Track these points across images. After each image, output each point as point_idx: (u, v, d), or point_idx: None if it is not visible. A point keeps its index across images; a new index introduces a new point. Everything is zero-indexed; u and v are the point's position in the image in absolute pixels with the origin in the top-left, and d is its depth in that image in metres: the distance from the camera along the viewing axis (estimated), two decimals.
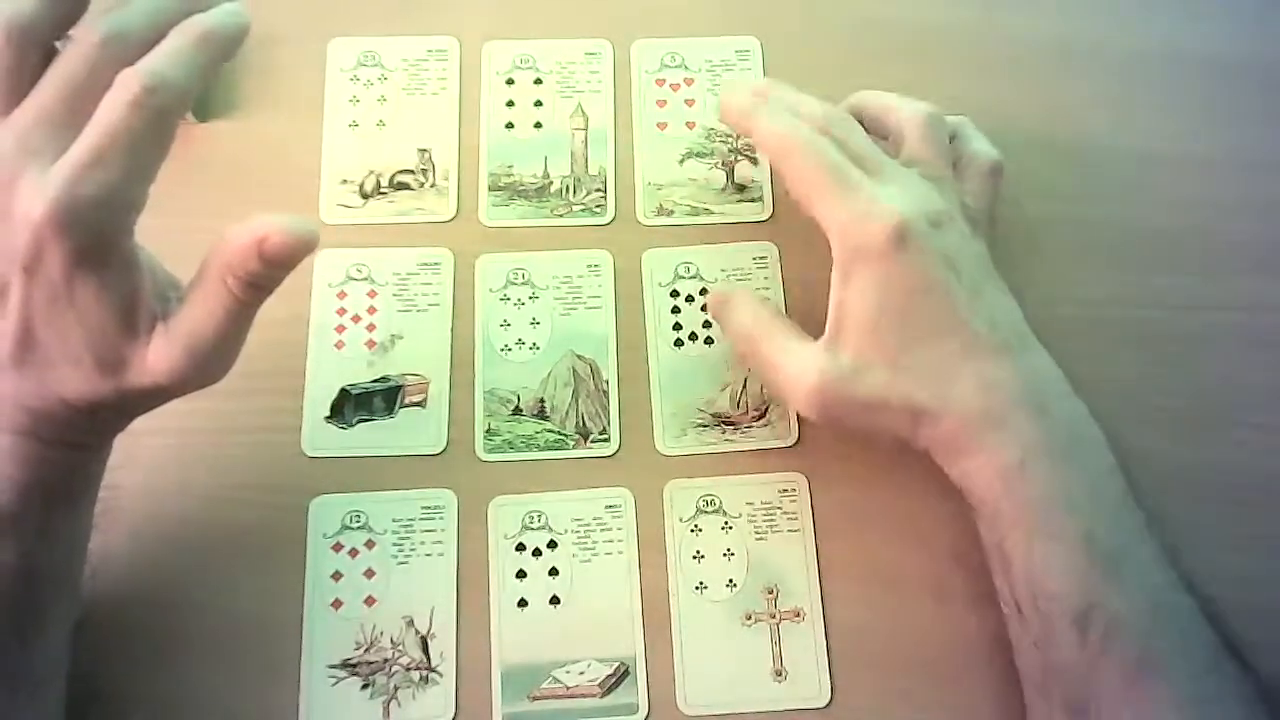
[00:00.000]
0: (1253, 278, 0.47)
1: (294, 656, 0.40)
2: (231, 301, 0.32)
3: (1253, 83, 0.51)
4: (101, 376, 0.32)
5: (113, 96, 0.30)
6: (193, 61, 0.31)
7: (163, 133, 0.31)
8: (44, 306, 0.31)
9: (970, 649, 0.40)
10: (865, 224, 0.36)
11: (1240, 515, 0.43)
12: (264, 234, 0.31)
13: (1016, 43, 0.51)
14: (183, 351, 0.32)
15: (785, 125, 0.38)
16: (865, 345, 0.37)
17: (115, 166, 0.30)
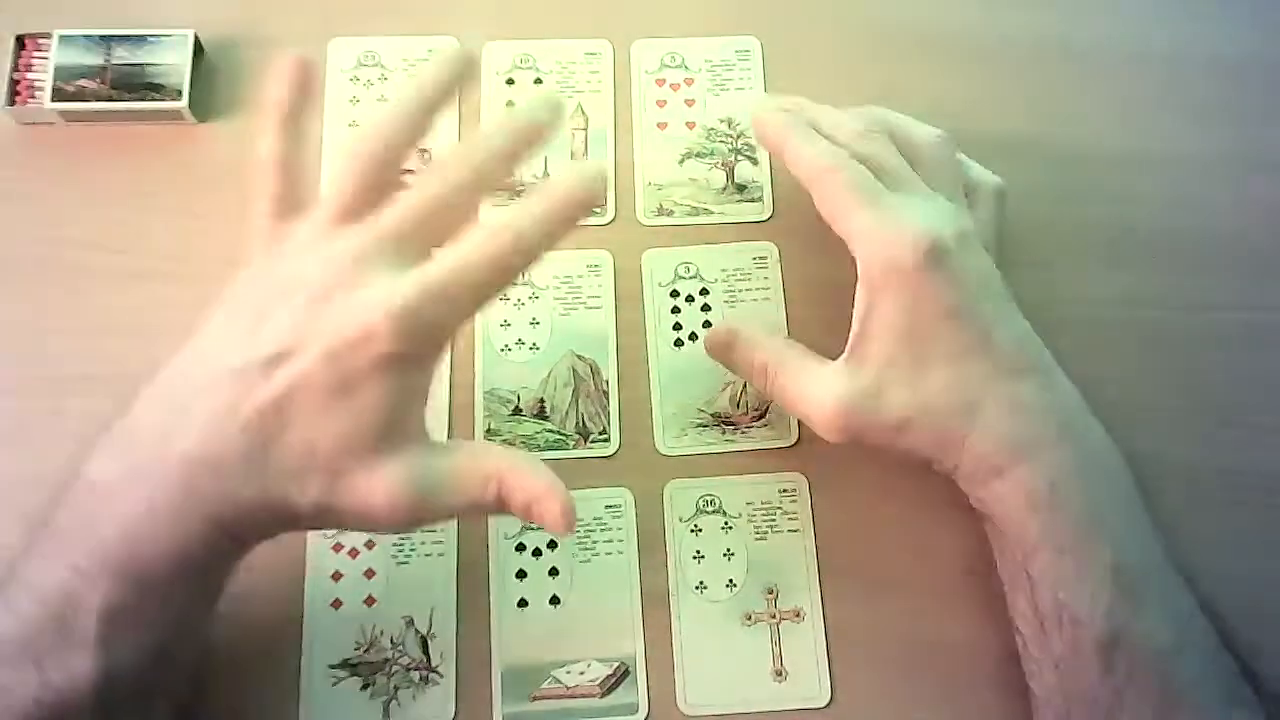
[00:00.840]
0: (1253, 278, 0.47)
1: (294, 656, 0.40)
2: (485, 506, 0.34)
3: (1253, 83, 0.51)
4: (319, 479, 0.32)
5: (480, 242, 0.33)
6: (556, 226, 0.34)
7: (505, 286, 0.34)
8: (318, 388, 0.31)
9: (971, 648, 0.40)
10: (895, 242, 0.36)
11: (1240, 515, 0.43)
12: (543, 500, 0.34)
13: (1016, 43, 0.51)
14: (417, 494, 0.32)
15: (816, 149, 0.38)
16: (890, 365, 0.36)
17: (461, 299, 0.33)
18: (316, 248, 0.34)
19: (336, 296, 0.32)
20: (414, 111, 0.36)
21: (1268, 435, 0.44)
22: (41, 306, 0.44)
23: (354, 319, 0.31)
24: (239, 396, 0.31)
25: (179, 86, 0.46)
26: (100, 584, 0.31)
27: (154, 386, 0.33)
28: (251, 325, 0.33)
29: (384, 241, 0.33)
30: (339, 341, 0.31)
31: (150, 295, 0.44)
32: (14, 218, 0.45)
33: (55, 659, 0.30)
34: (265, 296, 0.33)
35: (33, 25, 0.47)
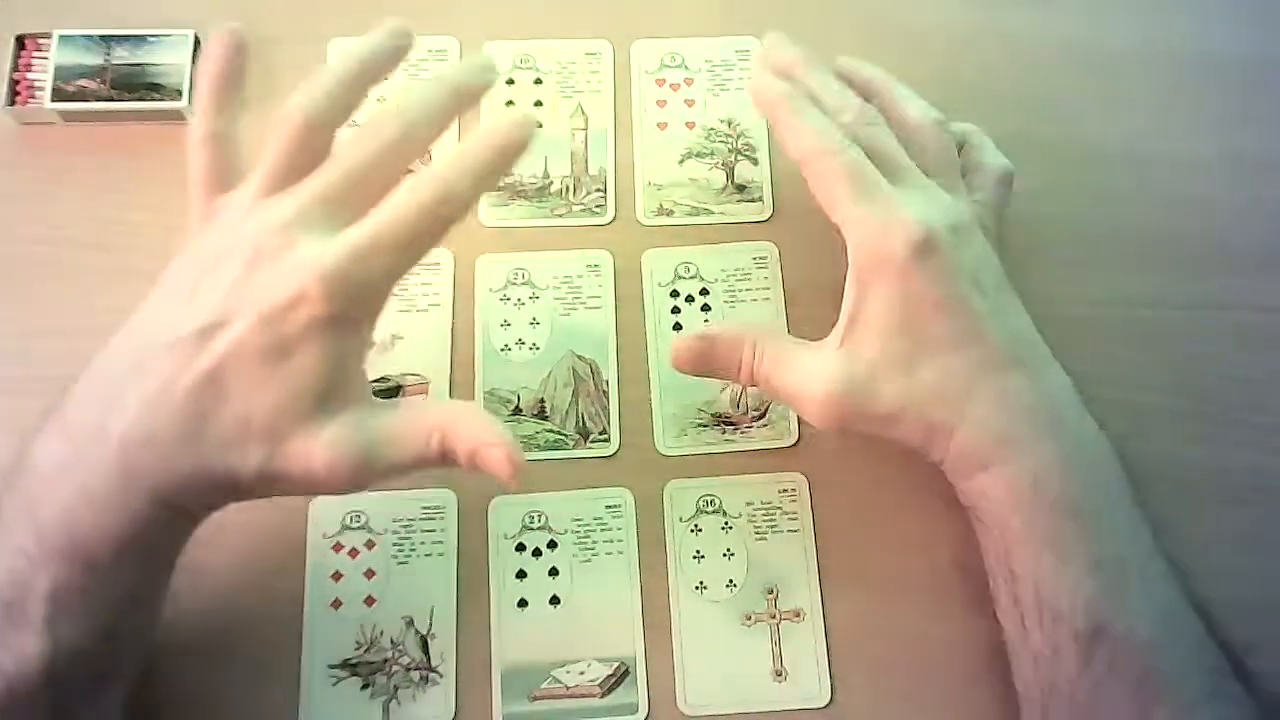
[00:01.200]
0: (1253, 278, 0.47)
1: (294, 656, 0.40)
2: (430, 459, 0.34)
3: (1253, 83, 0.51)
4: (258, 447, 0.32)
5: (406, 196, 0.33)
6: (481, 177, 0.34)
7: (437, 237, 0.33)
8: (253, 355, 0.31)
9: (970, 648, 0.40)
10: (888, 233, 0.35)
11: (1240, 515, 0.43)
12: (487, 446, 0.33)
13: (1016, 43, 0.51)
14: (359, 453, 0.32)
15: (813, 126, 0.37)
16: (882, 355, 0.36)
17: (391, 257, 0.32)
18: (246, 219, 0.34)
19: (266, 263, 0.32)
20: (343, 80, 0.35)
21: (1268, 435, 0.44)
22: (41, 306, 0.44)
23: (285, 283, 0.31)
24: (174, 370, 0.32)
25: (179, 86, 0.46)
26: (46, 567, 0.31)
27: (92, 368, 0.34)
28: (184, 299, 0.33)
29: (312, 206, 0.33)
30: (271, 306, 0.31)
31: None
32: (14, 218, 0.45)
33: (4, 643, 0.31)
34: (197, 269, 0.33)
35: (33, 25, 0.47)
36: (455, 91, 0.35)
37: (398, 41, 0.37)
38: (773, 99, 0.39)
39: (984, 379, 0.36)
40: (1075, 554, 0.35)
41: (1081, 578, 0.34)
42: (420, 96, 0.35)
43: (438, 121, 0.35)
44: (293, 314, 0.31)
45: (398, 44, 0.37)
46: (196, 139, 0.36)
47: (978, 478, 0.36)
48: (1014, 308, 0.38)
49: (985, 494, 0.36)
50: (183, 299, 0.33)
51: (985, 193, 0.41)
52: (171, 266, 0.35)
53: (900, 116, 0.40)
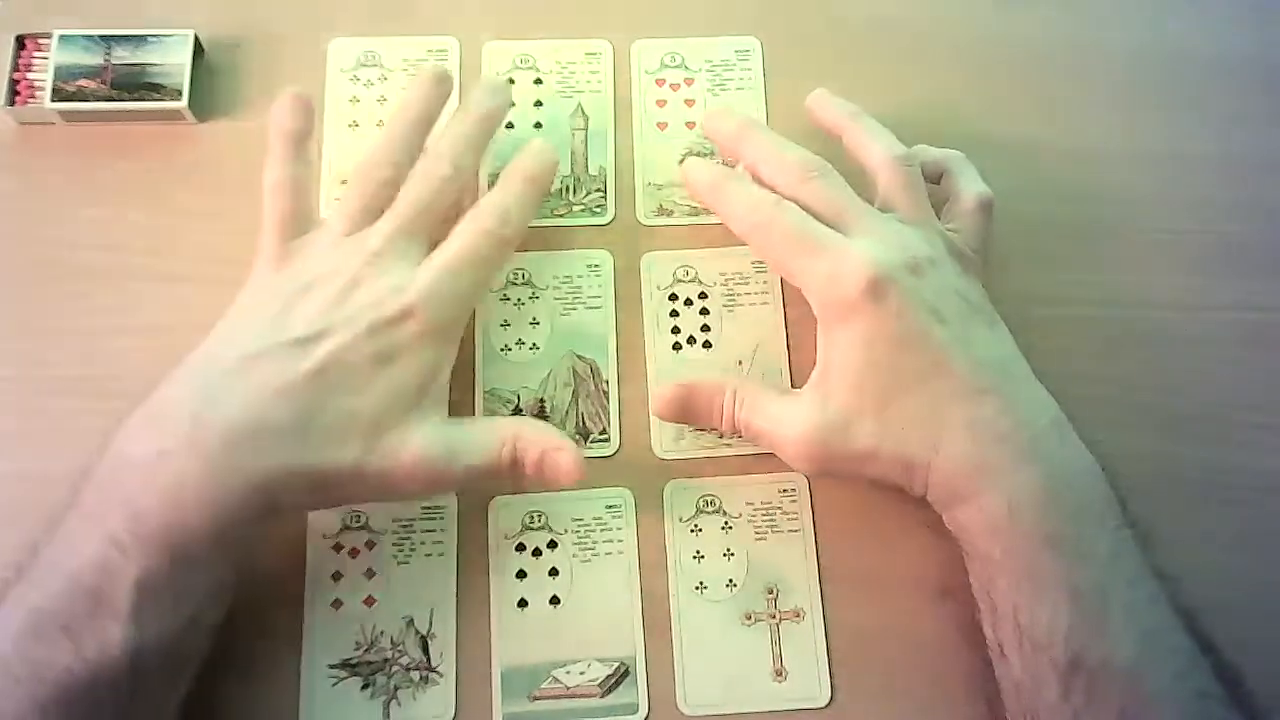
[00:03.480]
0: (1253, 278, 0.47)
1: (294, 656, 0.40)
2: (499, 467, 0.38)
3: (1253, 83, 0.51)
4: (358, 440, 0.35)
5: (472, 224, 0.39)
6: (529, 201, 0.41)
7: (505, 255, 0.41)
8: (359, 358, 0.36)
9: (971, 648, 0.40)
10: (839, 279, 0.36)
11: (1239, 515, 0.43)
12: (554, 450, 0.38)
13: (1016, 42, 0.51)
14: (443, 453, 0.37)
15: (745, 202, 0.40)
16: (852, 398, 0.37)
17: (471, 274, 0.39)
18: (332, 252, 0.38)
19: (364, 285, 0.37)
20: (408, 133, 0.41)
21: (1267, 435, 0.44)
22: (41, 306, 0.44)
23: (390, 301, 0.37)
24: (280, 368, 0.35)
25: (179, 86, 0.46)
26: (137, 556, 0.32)
27: (180, 372, 0.36)
28: (279, 315, 0.36)
29: (396, 237, 0.38)
30: (379, 319, 0.36)
31: (150, 295, 0.44)
32: (14, 218, 0.45)
33: (89, 630, 0.31)
34: (289, 291, 0.37)
35: (33, 25, 0.47)
36: (481, 120, 0.42)
37: (440, 88, 0.43)
38: (703, 187, 0.42)
39: (953, 410, 0.36)
40: (1053, 583, 0.35)
41: (1060, 607, 0.34)
42: (457, 133, 0.41)
43: (477, 149, 0.42)
44: (399, 327, 0.37)
45: (440, 90, 0.43)
46: (272, 184, 0.40)
47: (957, 510, 0.37)
48: (985, 335, 0.38)
49: (965, 525, 0.37)
50: (276, 315, 0.36)
51: (963, 220, 0.41)
52: (245, 299, 0.38)
53: (865, 154, 0.41)
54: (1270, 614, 0.41)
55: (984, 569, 0.36)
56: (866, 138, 0.41)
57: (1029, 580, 0.35)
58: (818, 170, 0.40)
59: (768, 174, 0.40)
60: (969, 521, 0.36)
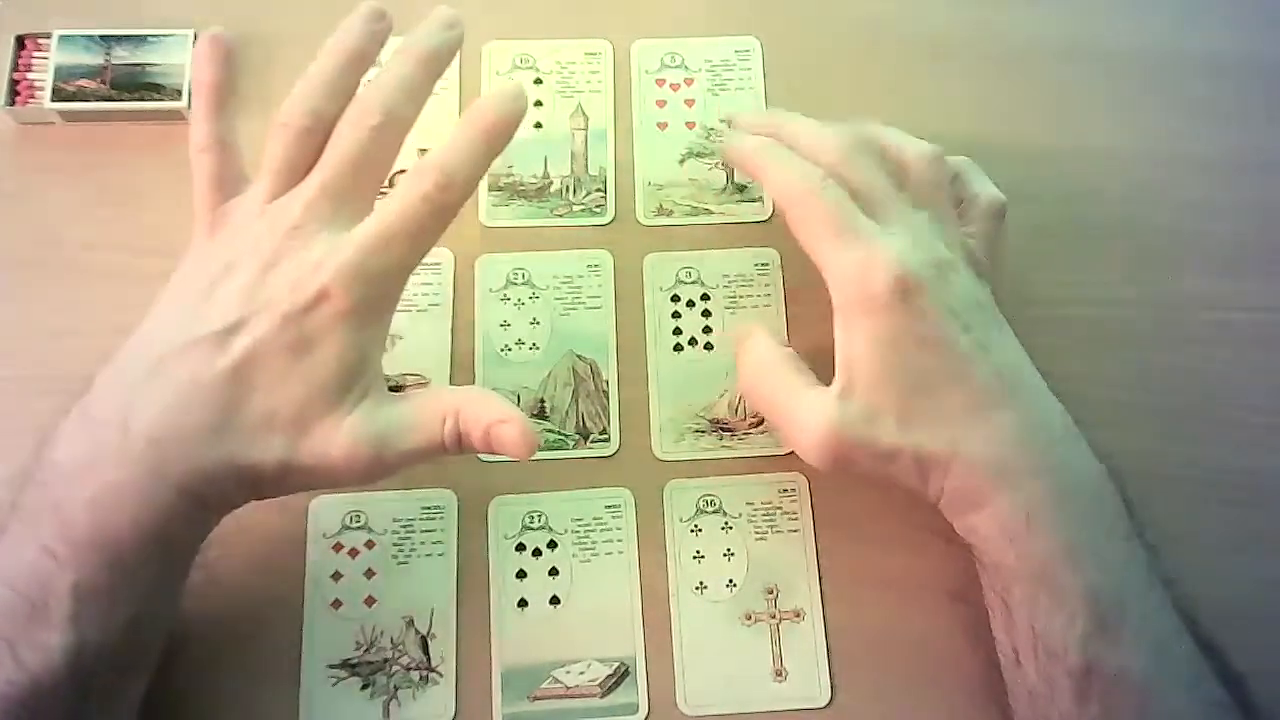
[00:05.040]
0: (1253, 278, 0.47)
1: (294, 656, 0.40)
2: (445, 444, 0.35)
3: (1253, 83, 0.51)
4: (282, 437, 0.33)
5: (409, 188, 0.34)
6: (479, 159, 0.35)
7: (445, 222, 0.35)
8: (277, 350, 0.33)
9: (970, 648, 0.40)
10: (867, 275, 0.35)
11: (1239, 515, 0.43)
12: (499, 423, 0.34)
13: (1017, 43, 0.51)
14: (376, 440, 0.34)
15: (790, 170, 0.37)
16: (874, 395, 0.36)
17: (403, 247, 0.34)
18: (255, 222, 0.35)
19: (282, 264, 0.34)
20: (334, 76, 0.36)
21: (1267, 435, 0.44)
22: (41, 306, 0.44)
23: (306, 282, 0.33)
24: (198, 367, 0.33)
25: (179, 86, 0.46)
26: (71, 563, 0.31)
27: (109, 370, 0.34)
28: (199, 302, 0.34)
29: (318, 203, 0.34)
30: (294, 305, 0.33)
31: (150, 295, 0.44)
32: (14, 218, 0.45)
33: (28, 640, 0.31)
34: (210, 274, 0.34)
35: (33, 25, 0.47)
36: (424, 60, 0.36)
37: (377, 25, 0.37)
38: (747, 152, 0.39)
39: (974, 417, 0.36)
40: (1070, 591, 0.34)
41: (1076, 615, 0.34)
42: (393, 75, 0.36)
43: (416, 95, 0.36)
44: (315, 311, 0.33)
45: (377, 28, 0.37)
46: (198, 146, 0.37)
47: (972, 516, 0.36)
48: (1001, 342, 0.38)
49: (980, 532, 0.36)
50: (198, 302, 0.34)
51: (977, 225, 0.41)
52: (180, 271, 0.36)
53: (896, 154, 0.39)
54: (1271, 614, 0.41)
55: (998, 576, 0.36)
56: (895, 136, 0.40)
57: (1045, 587, 0.35)
58: (859, 150, 0.38)
59: (808, 151, 0.39)
60: (984, 528, 0.36)
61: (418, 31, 0.37)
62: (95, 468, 0.32)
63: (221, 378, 0.33)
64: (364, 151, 0.35)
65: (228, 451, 0.33)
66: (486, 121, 0.35)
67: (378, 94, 0.35)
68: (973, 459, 0.35)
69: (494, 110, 0.35)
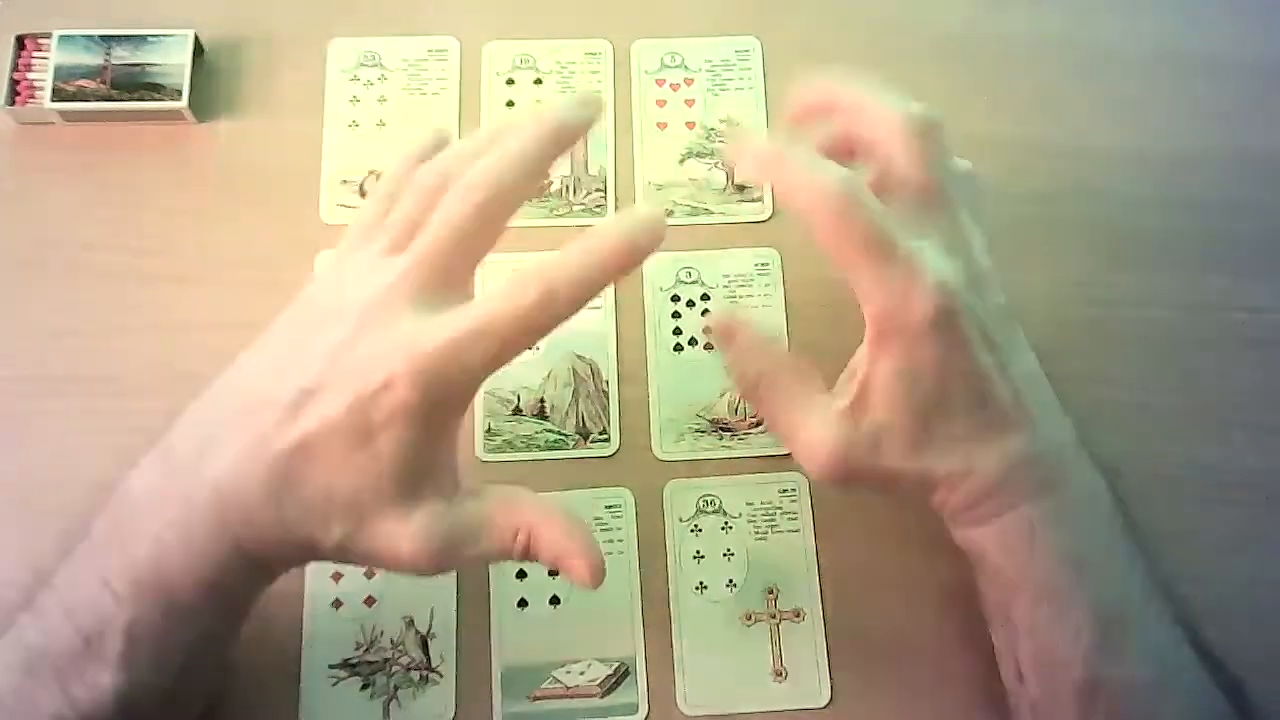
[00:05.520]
0: (1253, 278, 0.47)
1: (294, 656, 0.40)
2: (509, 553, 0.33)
3: (1253, 83, 0.51)
4: (340, 522, 0.32)
5: (510, 295, 0.31)
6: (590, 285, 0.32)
7: (535, 339, 0.32)
8: (340, 434, 0.31)
9: (971, 649, 0.40)
10: (908, 301, 0.33)
11: (1239, 515, 0.43)
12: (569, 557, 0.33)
13: (1017, 42, 0.51)
14: (445, 545, 0.32)
15: (817, 183, 0.33)
16: (889, 418, 0.34)
17: (486, 353, 0.31)
18: (359, 279, 0.33)
19: (365, 338, 0.32)
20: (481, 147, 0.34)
21: (1267, 435, 0.44)
22: (41, 306, 0.44)
23: (377, 366, 0.31)
24: (267, 432, 0.31)
25: (179, 86, 0.46)
26: (128, 603, 0.31)
27: (196, 406, 0.34)
28: (285, 357, 0.33)
29: (413, 277, 0.32)
30: (361, 389, 0.31)
31: (150, 295, 0.44)
32: (14, 218, 0.45)
33: (80, 675, 0.31)
34: (303, 328, 0.34)
35: (33, 25, 0.47)
36: (546, 139, 0.34)
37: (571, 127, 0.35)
38: (763, 159, 0.35)
39: (989, 437, 0.35)
40: (1074, 604, 0.34)
41: (1080, 628, 0.34)
42: (513, 148, 0.33)
43: (529, 175, 0.34)
44: (381, 399, 0.31)
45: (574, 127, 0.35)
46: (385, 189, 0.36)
47: (976, 531, 0.36)
48: (1018, 352, 0.37)
49: (982, 544, 0.36)
50: (284, 357, 0.33)
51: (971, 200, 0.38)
52: (288, 311, 0.35)
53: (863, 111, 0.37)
54: (1271, 614, 0.41)
55: (1000, 587, 0.36)
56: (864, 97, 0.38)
57: (1048, 600, 0.34)
58: (929, 129, 0.36)
59: (870, 124, 0.36)
60: (987, 541, 0.35)
61: (550, 106, 0.35)
62: (163, 504, 0.32)
63: (286, 448, 0.31)
64: (464, 224, 0.32)
65: (283, 520, 0.31)
66: (607, 247, 0.32)
67: (490, 166, 0.33)
68: (983, 479, 0.35)
69: (618, 236, 0.32)
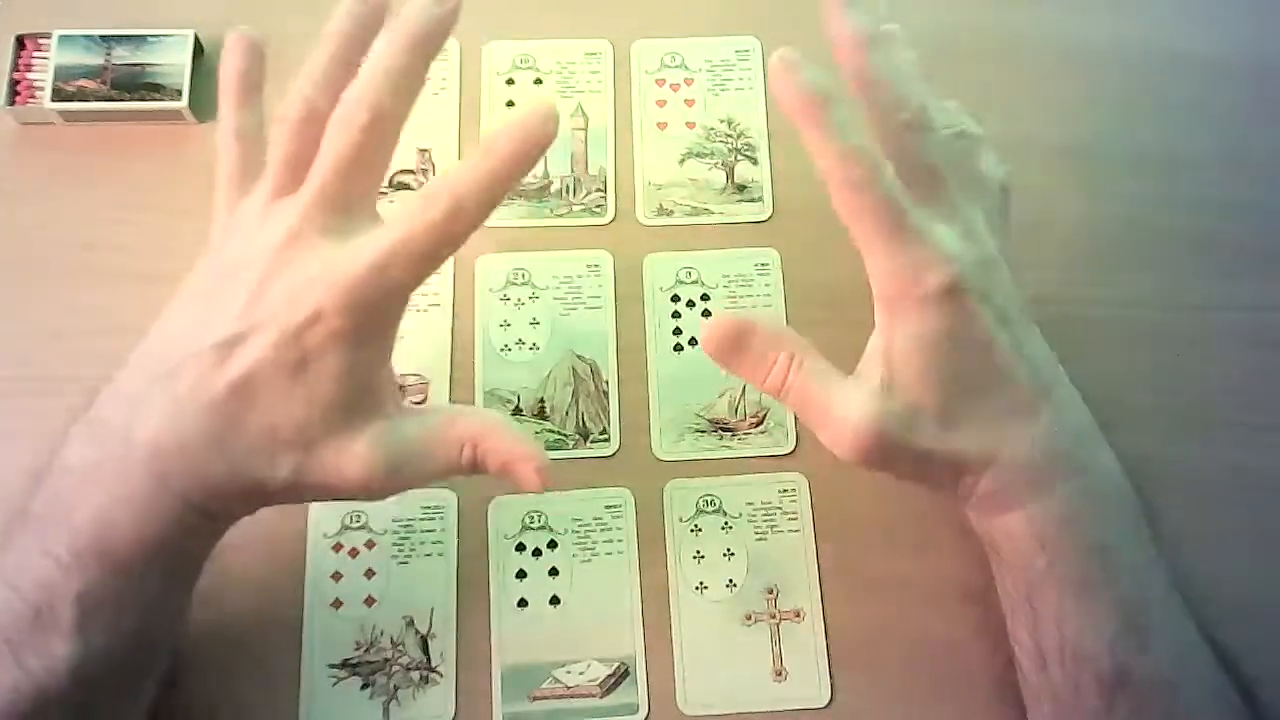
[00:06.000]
0: (1253, 278, 0.47)
1: (294, 656, 0.40)
2: (459, 470, 0.34)
3: (1252, 83, 0.51)
4: (287, 456, 0.32)
5: (417, 212, 0.32)
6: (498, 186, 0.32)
7: (450, 251, 0.33)
8: (275, 369, 0.31)
9: (970, 649, 0.40)
10: (918, 274, 0.33)
11: (1240, 515, 0.43)
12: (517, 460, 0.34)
13: (1017, 43, 0.51)
14: (390, 463, 0.33)
15: (845, 150, 0.32)
16: (916, 393, 0.34)
17: (402, 272, 0.32)
18: (259, 228, 0.34)
19: (282, 275, 0.32)
20: (327, 65, 0.34)
21: (1268, 435, 0.44)
22: (41, 306, 0.44)
23: (301, 299, 0.31)
24: (198, 381, 0.32)
25: (179, 86, 0.46)
26: (76, 572, 0.31)
27: (118, 376, 0.34)
28: (203, 311, 0.33)
29: (314, 210, 0.33)
30: (290, 323, 0.31)
31: (150, 295, 0.44)
32: (14, 218, 0.45)
33: (33, 648, 0.31)
34: (215, 281, 0.34)
35: (33, 25, 0.47)
36: (413, 46, 0.34)
37: (365, 6, 0.35)
38: (800, 102, 0.33)
39: (1013, 420, 0.35)
40: (1100, 594, 0.34)
41: (1106, 618, 0.34)
42: (380, 67, 0.33)
43: (407, 87, 0.33)
44: (311, 330, 0.31)
45: (364, 10, 0.35)
46: (224, 137, 0.36)
47: (1003, 518, 0.35)
48: (1034, 337, 0.37)
49: (1009, 533, 0.35)
50: (201, 311, 0.33)
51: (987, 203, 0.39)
52: (196, 270, 0.35)
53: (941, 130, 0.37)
54: (1271, 614, 0.41)
55: (1025, 578, 0.35)
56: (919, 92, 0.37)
57: (1075, 591, 0.34)
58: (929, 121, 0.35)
59: (885, 99, 0.35)
60: (1014, 530, 0.35)
61: (405, 12, 0.34)
62: (101, 475, 0.32)
63: (221, 394, 0.32)
64: (356, 153, 0.33)
65: (229, 466, 0.32)
66: (505, 150, 0.32)
67: (364, 90, 0.33)
68: (1011, 464, 0.35)
69: (518, 136, 0.32)
